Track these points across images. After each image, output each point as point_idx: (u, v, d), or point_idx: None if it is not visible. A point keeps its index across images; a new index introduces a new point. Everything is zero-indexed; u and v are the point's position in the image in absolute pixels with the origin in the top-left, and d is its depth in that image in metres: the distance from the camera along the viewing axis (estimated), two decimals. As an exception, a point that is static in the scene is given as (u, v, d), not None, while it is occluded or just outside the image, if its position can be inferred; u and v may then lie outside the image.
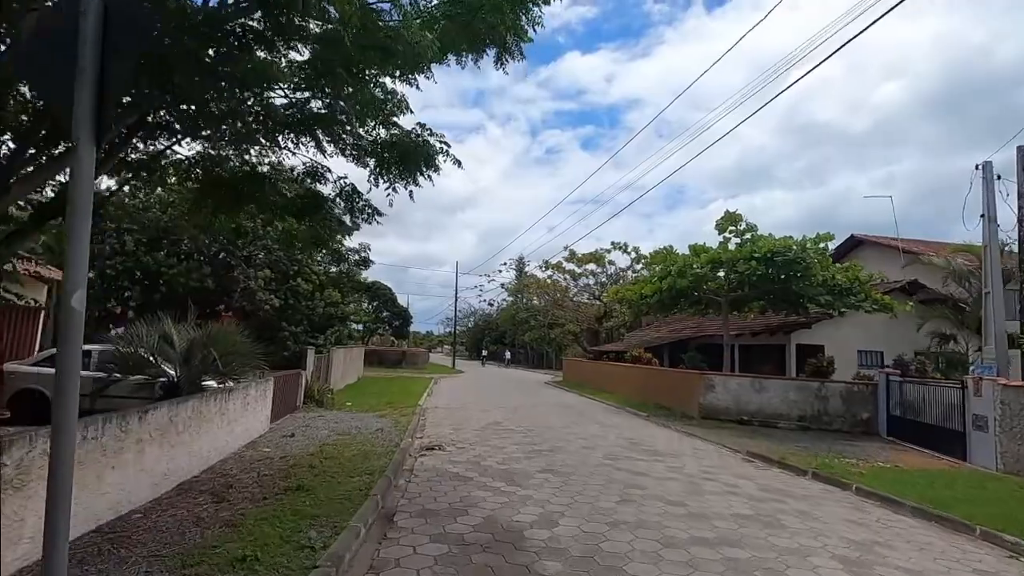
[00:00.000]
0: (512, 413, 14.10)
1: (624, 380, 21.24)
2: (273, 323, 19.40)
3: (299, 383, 13.42)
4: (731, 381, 15.50)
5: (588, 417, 14.34)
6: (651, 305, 17.71)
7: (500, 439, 10.04)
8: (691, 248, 16.52)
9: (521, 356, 59.47)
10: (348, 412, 13.26)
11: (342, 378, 20.55)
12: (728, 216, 15.97)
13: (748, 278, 14.71)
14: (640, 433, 11.88)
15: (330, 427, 10.77)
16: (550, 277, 28.83)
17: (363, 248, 27.26)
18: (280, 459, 7.83)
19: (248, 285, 18.43)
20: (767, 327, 19.81)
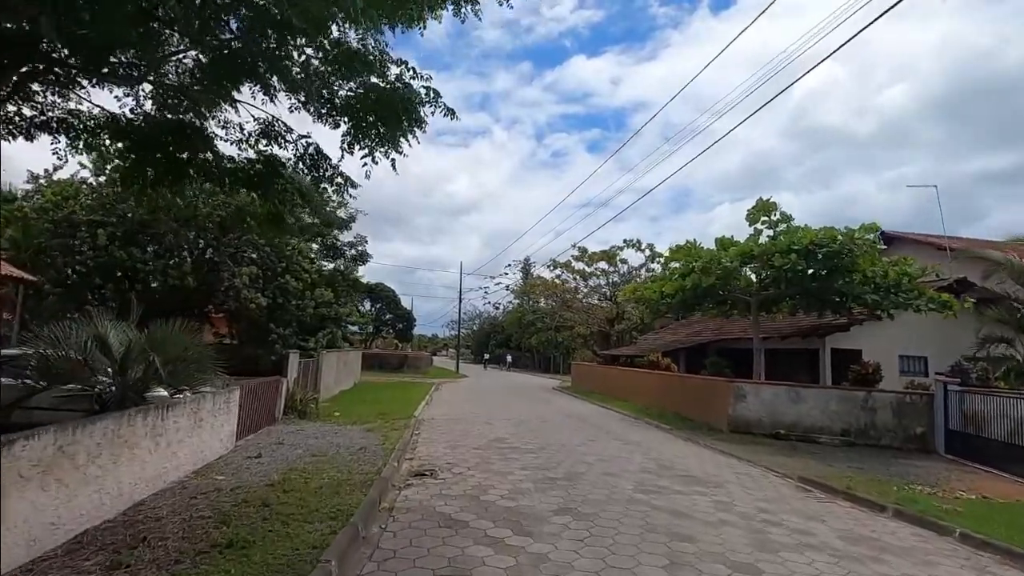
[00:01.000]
0: (518, 426, 12.48)
1: (640, 387, 19.56)
2: (261, 325, 17.91)
3: (278, 391, 11.87)
4: (764, 390, 13.81)
5: (605, 431, 12.70)
6: (671, 305, 16.05)
7: (505, 461, 8.42)
8: (717, 242, 14.86)
9: (527, 360, 57.79)
10: (334, 424, 11.70)
11: (335, 384, 19.01)
12: (760, 205, 14.30)
13: (784, 274, 13.03)
14: (668, 452, 10.23)
15: (307, 444, 9.20)
16: (558, 277, 27.22)
17: (360, 241, 25.77)
18: (231, 491, 6.26)
19: (233, 283, 16.94)
20: (798, 330, 18.09)
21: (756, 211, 14.36)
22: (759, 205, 14.41)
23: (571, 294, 27.96)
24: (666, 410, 16.89)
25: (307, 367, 15.50)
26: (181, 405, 6.84)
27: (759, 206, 14.39)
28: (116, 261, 16.02)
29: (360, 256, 25.64)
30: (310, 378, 15.73)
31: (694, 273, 14.62)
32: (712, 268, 14.30)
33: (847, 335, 17.03)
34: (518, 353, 61.45)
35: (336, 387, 19.11)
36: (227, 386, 9.16)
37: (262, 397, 10.96)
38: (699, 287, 14.50)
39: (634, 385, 20.18)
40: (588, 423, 13.97)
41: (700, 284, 14.42)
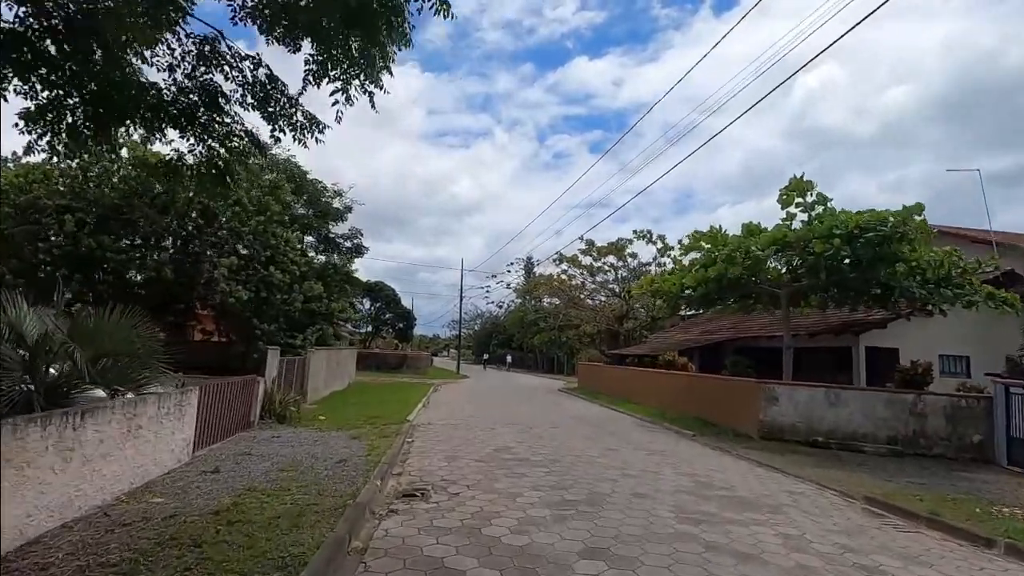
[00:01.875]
0: (526, 433, 11.05)
1: (654, 388, 18.13)
2: (244, 320, 16.55)
3: (253, 393, 10.47)
4: (799, 392, 12.37)
5: (622, 438, 11.26)
6: (693, 299, 14.63)
7: (512, 478, 7.00)
8: (744, 228, 13.44)
9: (530, 360, 56.36)
10: (315, 431, 10.29)
11: (325, 385, 17.61)
12: (794, 184, 12.85)
13: (823, 262, 11.61)
14: (700, 464, 8.79)
15: (279, 456, 7.80)
16: (564, 271, 25.81)
17: (355, 234, 24.41)
18: (163, 521, 4.86)
19: (212, 275, 15.56)
20: (829, 326, 16.64)
21: (789, 191, 12.93)
22: (792, 184, 12.96)
23: (578, 291, 26.50)
24: (685, 414, 15.45)
25: (292, 366, 14.11)
26: (106, 410, 5.44)
27: (792, 185, 12.95)
28: (85, 250, 14.66)
29: (356, 249, 24.29)
30: (295, 378, 14.34)
31: (719, 263, 13.21)
32: (738, 257, 12.90)
33: (883, 332, 15.58)
34: (520, 353, 60.04)
35: (326, 388, 17.71)
36: (183, 386, 7.77)
37: (232, 399, 9.56)
38: (724, 278, 13.08)
39: (647, 386, 18.75)
40: (602, 429, 12.54)
41: (725, 275, 13.01)
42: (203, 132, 4.57)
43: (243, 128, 4.72)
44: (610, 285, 26.54)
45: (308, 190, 22.51)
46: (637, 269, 25.16)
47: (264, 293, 16.14)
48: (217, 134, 4.59)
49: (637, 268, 25.17)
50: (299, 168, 22.40)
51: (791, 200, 13.00)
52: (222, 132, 4.61)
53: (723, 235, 13.57)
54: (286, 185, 18.99)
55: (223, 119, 4.54)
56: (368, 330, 64.53)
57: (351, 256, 24.03)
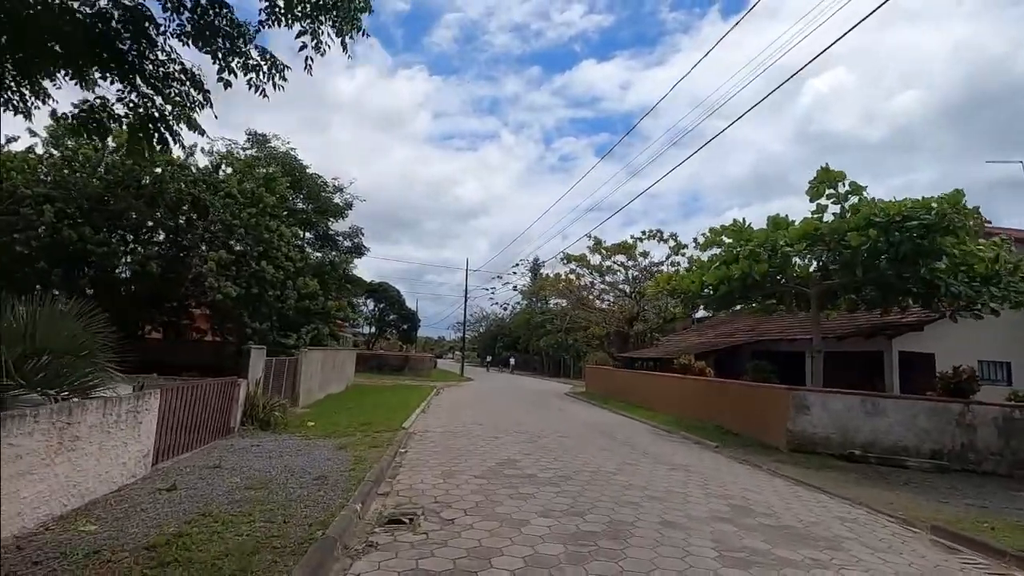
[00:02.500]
0: (532, 443, 10.03)
1: (668, 394, 17.06)
2: (234, 318, 15.66)
3: (233, 396, 9.52)
4: (833, 400, 11.28)
5: (639, 449, 10.21)
6: (711, 299, 13.56)
7: (518, 500, 6.00)
8: (771, 221, 12.39)
9: (536, 363, 55.31)
10: (301, 438, 9.34)
11: (320, 387, 16.68)
12: (822, 174, 11.79)
13: (860, 257, 10.54)
14: (732, 483, 7.74)
15: (251, 470, 6.83)
16: (572, 271, 24.74)
17: (355, 232, 23.56)
18: (83, 558, 3.90)
19: (200, 270, 14.68)
20: (858, 329, 15.53)
21: (819, 183, 11.86)
22: (821, 175, 11.90)
23: (586, 291, 25.45)
24: (703, 422, 14.38)
25: (283, 367, 13.18)
26: (25, 419, 4.49)
27: (821, 176, 11.88)
28: (65, 242, 13.80)
29: (356, 248, 23.43)
30: (286, 380, 13.40)
31: (741, 259, 12.17)
32: (763, 254, 11.86)
33: (918, 336, 14.46)
34: (526, 356, 59.00)
35: (321, 391, 16.77)
36: (142, 388, 6.83)
37: (207, 403, 8.62)
38: (749, 277, 12.02)
39: (661, 392, 17.68)
40: (615, 438, 11.49)
41: (751, 273, 11.95)
42: (133, 73, 3.61)
43: (183, 67, 3.76)
44: (620, 285, 25.46)
45: (307, 185, 21.69)
46: (648, 268, 24.08)
47: (256, 289, 15.24)
48: (150, 76, 3.63)
49: (648, 267, 24.10)
50: (298, 162, 21.61)
51: (821, 191, 11.93)
52: (157, 74, 3.66)
53: (747, 229, 12.53)
54: (282, 178, 18.14)
55: (156, 56, 3.58)
56: (371, 331, 63.81)
57: (351, 255, 23.16)
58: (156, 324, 18.79)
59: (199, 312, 19.20)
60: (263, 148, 20.56)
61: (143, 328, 18.49)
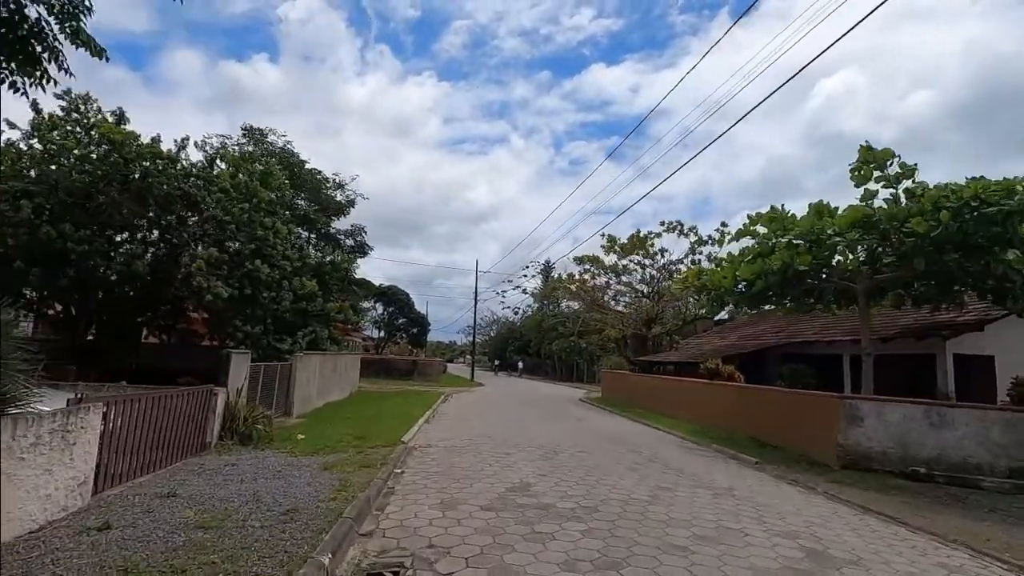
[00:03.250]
0: (549, 460, 8.78)
1: (694, 401, 15.71)
2: (225, 320, 14.63)
3: (208, 407, 8.41)
4: (890, 410, 9.89)
5: (672, 467, 8.91)
6: (746, 295, 12.22)
7: (533, 543, 4.76)
8: (814, 209, 11.05)
9: (548, 367, 53.95)
10: (285, 455, 8.20)
11: (319, 395, 15.58)
12: (866, 153, 10.44)
13: (924, 245, 9.17)
14: (793, 514, 6.42)
15: (209, 500, 5.68)
16: (586, 270, 23.39)
17: (357, 230, 22.52)
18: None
19: (189, 269, 13.66)
20: (906, 330, 14.09)
21: (864, 164, 10.49)
22: (863, 154, 10.54)
23: (601, 292, 24.13)
24: (734, 432, 13.04)
25: (273, 374, 12.10)
26: None
27: (864, 156, 10.52)
28: (44, 240, 12.85)
29: (359, 247, 22.38)
30: (278, 388, 12.31)
31: (778, 251, 10.85)
32: (802, 246, 10.55)
33: (977, 337, 13.01)
34: (537, 360, 57.69)
35: (320, 398, 15.68)
36: (79, 401, 5.71)
37: (175, 417, 7.51)
38: (790, 269, 10.69)
39: (684, 398, 16.33)
40: (641, 453, 10.19)
41: (792, 265, 10.62)
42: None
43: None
44: (637, 285, 24.10)
45: (307, 180, 20.70)
46: (667, 267, 22.72)
47: (249, 290, 14.18)
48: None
49: (667, 265, 22.74)
50: (296, 156, 20.64)
51: (868, 174, 10.57)
52: None
53: (787, 217, 11.21)
54: (278, 171, 17.13)
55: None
56: (381, 335, 62.92)
57: (354, 254, 22.11)
58: (152, 328, 17.87)
59: (198, 315, 18.26)
60: (260, 144, 19.64)
61: (141, 332, 17.57)
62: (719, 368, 14.88)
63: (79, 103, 14.64)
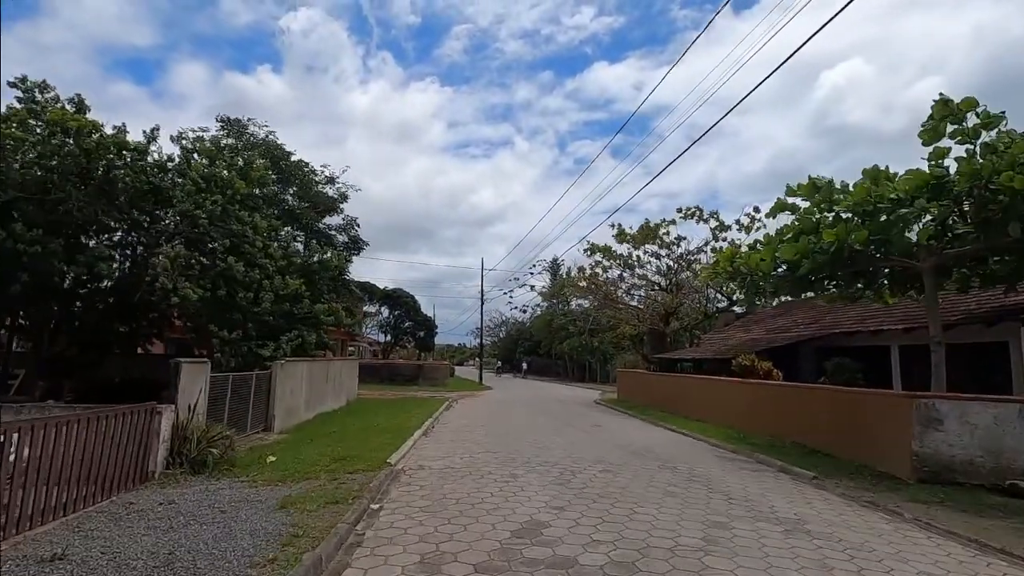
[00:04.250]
0: (566, 485, 7.18)
1: (725, 402, 14.03)
2: (198, 326, 13.23)
3: (151, 430, 6.92)
4: (976, 410, 8.20)
5: (719, 490, 7.26)
6: (786, 280, 10.56)
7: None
8: (869, 174, 9.37)
9: (559, 368, 52.28)
10: (244, 486, 6.69)
11: (307, 405, 14.10)
12: (942, 107, 8.74)
13: (1018, 206, 7.49)
14: (902, 564, 4.78)
15: (109, 562, 4.16)
16: (598, 263, 21.69)
17: (350, 223, 21.05)
18: None
19: (156, 270, 12.24)
20: (971, 315, 12.33)
21: (938, 120, 8.79)
22: (939, 109, 8.81)
23: (614, 286, 22.45)
24: (775, 438, 11.39)
25: (247, 385, 10.62)
26: None
27: (939, 111, 8.80)
28: (-10, 241, 11.48)
29: (353, 243, 20.93)
30: (254, 400, 10.84)
31: (824, 229, 9.18)
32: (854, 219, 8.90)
33: (1056, 321, 11.23)
34: (548, 360, 56.03)
35: (309, 410, 14.20)
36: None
37: (104, 442, 6.04)
38: (845, 247, 9.02)
39: (714, 399, 14.65)
40: (677, 469, 8.56)
41: (847, 241, 8.95)
42: None
43: None
44: (652, 277, 22.37)
45: (294, 175, 19.27)
46: (685, 256, 21.01)
47: (224, 291, 12.72)
48: None
49: (685, 255, 21.02)
50: (282, 149, 19.19)
51: (940, 130, 8.87)
52: None
53: (833, 186, 9.53)
54: (260, 161, 15.72)
55: None
56: (387, 339, 61.54)
57: (348, 251, 20.68)
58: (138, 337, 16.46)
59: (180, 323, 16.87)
60: (241, 136, 18.24)
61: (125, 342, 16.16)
62: (754, 365, 13.21)
63: (35, 91, 13.32)
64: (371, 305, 58.12)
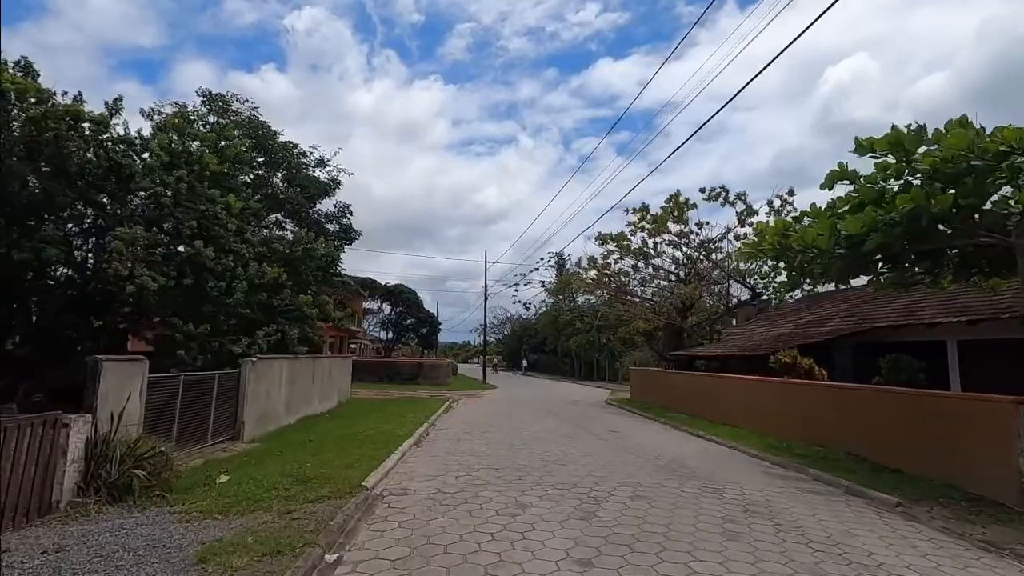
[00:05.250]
0: (589, 521, 5.54)
1: (759, 405, 12.34)
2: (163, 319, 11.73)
3: (56, 448, 5.36)
4: (1104, 420, 6.50)
5: (791, 526, 5.61)
6: (843, 260, 8.85)
7: None
8: (954, 123, 7.66)
9: (565, 366, 50.64)
10: (172, 518, 5.13)
11: (288, 409, 12.55)
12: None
13: None
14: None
15: None
16: (610, 253, 19.92)
17: (342, 211, 19.43)
18: None
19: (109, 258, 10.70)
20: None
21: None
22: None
23: (627, 277, 20.75)
24: (825, 446, 9.76)
25: (207, 387, 9.06)
26: None
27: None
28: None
29: (345, 232, 19.35)
30: (218, 404, 9.28)
31: (909, 190, 7.49)
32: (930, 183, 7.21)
33: None
34: (554, 358, 54.37)
35: (291, 413, 12.66)
36: None
37: None
38: (925, 215, 7.33)
39: (745, 401, 12.97)
40: (724, 493, 6.90)
41: (925, 209, 7.27)
42: None
43: None
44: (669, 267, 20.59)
45: (280, 156, 17.67)
46: (706, 243, 19.24)
47: (190, 280, 11.17)
48: None
49: (706, 242, 19.24)
50: (267, 128, 17.61)
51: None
52: None
53: (916, 136, 7.83)
54: (237, 139, 14.16)
55: None
56: (389, 337, 60.05)
57: (341, 240, 19.10)
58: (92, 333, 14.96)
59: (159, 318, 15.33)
60: (224, 114, 16.69)
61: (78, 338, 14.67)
62: (796, 362, 11.52)
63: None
64: (372, 301, 56.66)
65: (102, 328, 14.29)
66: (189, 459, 8.05)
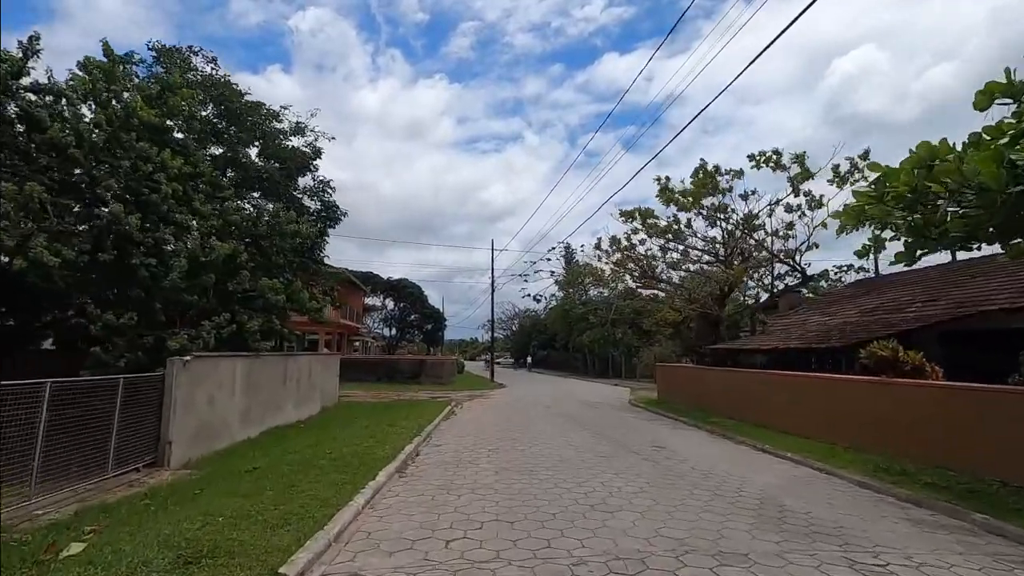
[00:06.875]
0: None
1: (839, 410, 9.61)
2: (67, 304, 9.23)
3: None
4: None
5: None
6: (997, 211, 6.14)
7: None
8: None
9: (577, 362, 47.89)
10: None
11: (245, 420, 10.01)
12: None
13: None
14: None
15: None
16: (634, 232, 17.12)
17: (321, 186, 16.81)
18: None
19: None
20: None
21: None
22: None
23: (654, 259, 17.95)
24: (971, 472, 7.04)
25: (97, 399, 6.52)
26: None
27: None
28: None
29: (328, 211, 16.77)
30: (128, 420, 6.74)
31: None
32: None
33: None
34: (565, 354, 51.60)
35: (249, 425, 10.11)
36: None
37: None
38: None
39: (817, 406, 10.23)
40: (854, 563, 4.24)
41: None
42: None
43: None
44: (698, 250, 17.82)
45: (246, 118, 15.08)
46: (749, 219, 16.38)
47: (108, 255, 8.61)
48: None
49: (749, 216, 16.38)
50: (231, 87, 15.02)
51: None
52: None
53: None
54: (184, 87, 11.60)
55: None
56: (393, 333, 57.61)
57: (324, 222, 16.57)
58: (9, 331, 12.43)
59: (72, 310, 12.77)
60: (183, 71, 14.13)
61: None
62: (899, 356, 8.77)
63: None
64: (374, 297, 54.19)
65: (53, 322, 11.81)
66: (60, 505, 5.50)
